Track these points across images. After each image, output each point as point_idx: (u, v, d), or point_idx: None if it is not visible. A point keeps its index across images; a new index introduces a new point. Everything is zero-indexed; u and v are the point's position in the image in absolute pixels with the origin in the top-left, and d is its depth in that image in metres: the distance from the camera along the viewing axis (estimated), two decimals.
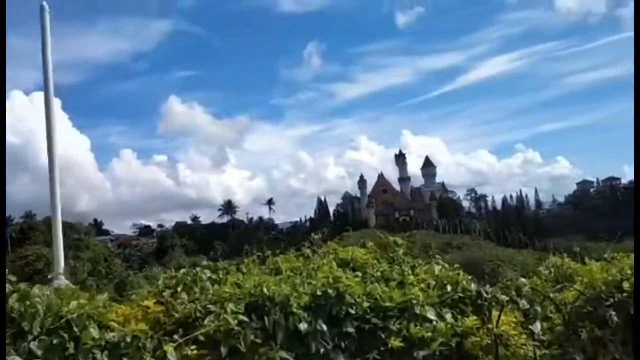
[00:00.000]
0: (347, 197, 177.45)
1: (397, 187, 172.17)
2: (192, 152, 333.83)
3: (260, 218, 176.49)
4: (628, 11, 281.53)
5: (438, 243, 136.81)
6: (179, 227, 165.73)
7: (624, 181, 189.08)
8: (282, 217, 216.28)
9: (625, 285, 4.00)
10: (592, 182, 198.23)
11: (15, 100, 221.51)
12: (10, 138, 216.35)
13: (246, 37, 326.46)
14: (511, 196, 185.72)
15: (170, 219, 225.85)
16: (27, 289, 3.80)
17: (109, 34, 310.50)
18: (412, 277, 4.49)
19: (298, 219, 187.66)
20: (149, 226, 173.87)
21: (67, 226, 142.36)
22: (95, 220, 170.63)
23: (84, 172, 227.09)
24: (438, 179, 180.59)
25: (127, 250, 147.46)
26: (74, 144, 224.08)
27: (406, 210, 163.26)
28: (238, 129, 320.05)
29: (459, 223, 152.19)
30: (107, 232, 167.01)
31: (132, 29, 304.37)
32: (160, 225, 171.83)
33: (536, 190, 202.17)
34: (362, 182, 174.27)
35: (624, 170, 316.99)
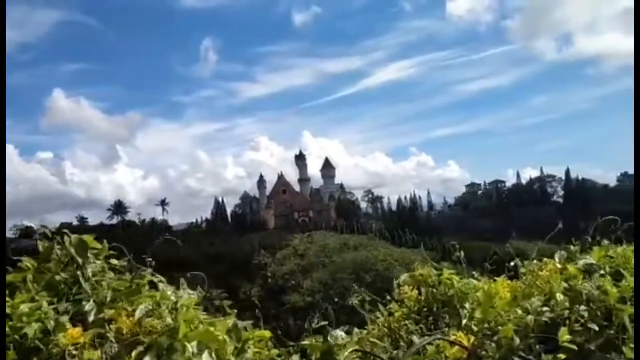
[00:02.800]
0: (246, 198, 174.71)
1: (297, 188, 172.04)
2: (80, 150, 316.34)
3: (153, 219, 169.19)
4: (513, 23, 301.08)
5: (336, 243, 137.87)
6: (64, 228, 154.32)
7: (508, 184, 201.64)
8: (177, 219, 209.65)
9: None
10: (480, 184, 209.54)
11: None
12: None
13: (143, 32, 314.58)
14: (405, 197, 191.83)
15: (55, 220, 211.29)
16: None
17: None
18: None
19: (194, 220, 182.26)
20: (31, 227, 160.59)
21: None
22: None
23: None
24: (337, 180, 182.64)
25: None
26: None
27: (305, 211, 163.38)
28: (130, 126, 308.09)
29: (357, 223, 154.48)
30: None
31: (18, 16, 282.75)
32: (43, 226, 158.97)
33: (428, 192, 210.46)
34: (261, 182, 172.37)
35: (509, 173, 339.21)
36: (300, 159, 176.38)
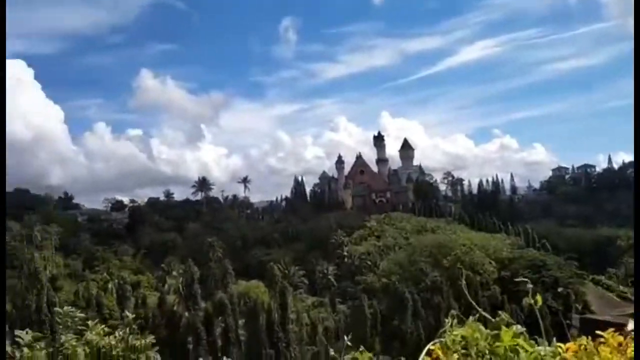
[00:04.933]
0: (325, 178, 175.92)
1: (375, 168, 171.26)
2: (167, 128, 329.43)
3: (235, 196, 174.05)
4: None
5: (413, 225, 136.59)
6: (152, 203, 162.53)
7: (598, 169, 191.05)
8: (258, 196, 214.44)
9: None
10: (567, 168, 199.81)
11: None
12: None
13: (225, 13, 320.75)
14: (487, 181, 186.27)
15: (144, 195, 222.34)
16: None
17: (87, 5, 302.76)
18: None
19: (274, 198, 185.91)
20: (121, 201, 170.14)
21: (36, 198, 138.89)
22: (66, 193, 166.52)
23: (57, 144, 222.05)
24: (415, 162, 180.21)
25: (97, 225, 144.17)
26: (47, 115, 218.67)
27: (383, 192, 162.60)
28: (214, 106, 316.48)
29: (435, 206, 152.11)
30: (77, 206, 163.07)
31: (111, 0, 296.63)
32: (132, 201, 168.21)
33: (512, 176, 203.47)
34: (339, 163, 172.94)
35: (599, 158, 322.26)
36: (378, 139, 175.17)
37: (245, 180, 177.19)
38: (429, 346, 2.59)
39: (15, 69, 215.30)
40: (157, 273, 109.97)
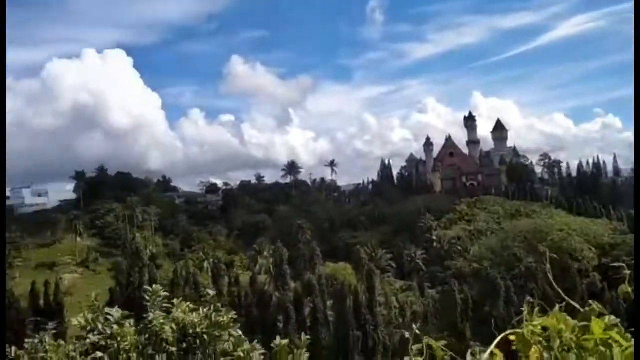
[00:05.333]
0: (412, 161, 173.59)
1: (466, 150, 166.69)
2: (256, 113, 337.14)
3: (323, 179, 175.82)
4: None
5: (506, 210, 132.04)
6: (244, 186, 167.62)
7: None
8: (345, 179, 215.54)
9: None
10: None
11: (87, 59, 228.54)
12: (83, 97, 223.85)
13: None
14: (588, 162, 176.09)
15: (237, 178, 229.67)
16: None
17: None
18: None
19: (361, 182, 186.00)
20: (215, 184, 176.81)
21: (137, 182, 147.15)
22: (164, 177, 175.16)
23: (155, 130, 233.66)
24: (509, 143, 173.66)
25: (193, 207, 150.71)
26: (145, 103, 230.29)
27: (474, 175, 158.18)
28: (301, 89, 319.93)
29: (530, 189, 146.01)
30: (175, 189, 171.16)
31: None
32: (226, 184, 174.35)
33: (615, 157, 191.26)
34: (428, 145, 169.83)
35: None
36: (469, 120, 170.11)
37: (332, 164, 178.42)
38: (502, 336, 2.37)
39: (116, 58, 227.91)
40: (249, 253, 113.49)
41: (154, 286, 4.40)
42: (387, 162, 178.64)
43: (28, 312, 79.30)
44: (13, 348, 4.13)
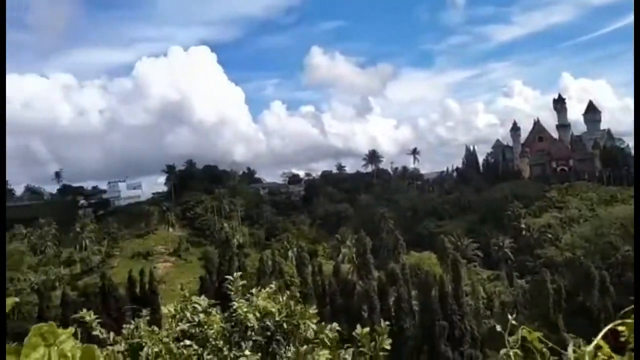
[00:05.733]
0: (498, 146, 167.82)
1: (555, 134, 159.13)
2: (336, 103, 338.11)
3: (405, 168, 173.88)
4: None
5: (600, 195, 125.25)
6: (326, 175, 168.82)
7: None
8: (428, 167, 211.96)
9: None
10: None
11: (174, 56, 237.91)
12: (171, 93, 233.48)
13: None
14: None
15: (318, 168, 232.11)
16: None
17: None
18: None
19: (444, 169, 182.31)
20: (297, 175, 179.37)
21: (223, 174, 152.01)
22: (248, 168, 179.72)
23: (239, 124, 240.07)
24: (602, 126, 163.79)
25: (277, 197, 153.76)
26: (229, 97, 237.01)
27: (565, 160, 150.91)
28: (381, 77, 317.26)
29: (627, 174, 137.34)
30: (259, 181, 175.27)
31: None
32: (307, 174, 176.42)
33: None
34: (515, 129, 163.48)
35: None
36: (559, 103, 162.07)
37: (414, 152, 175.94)
38: (610, 327, 2.20)
39: (200, 55, 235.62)
40: (331, 242, 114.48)
41: (234, 275, 4.49)
42: (471, 148, 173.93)
43: (125, 299, 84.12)
44: (112, 334, 4.34)
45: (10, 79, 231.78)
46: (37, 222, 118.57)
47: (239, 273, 4.55)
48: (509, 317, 2.83)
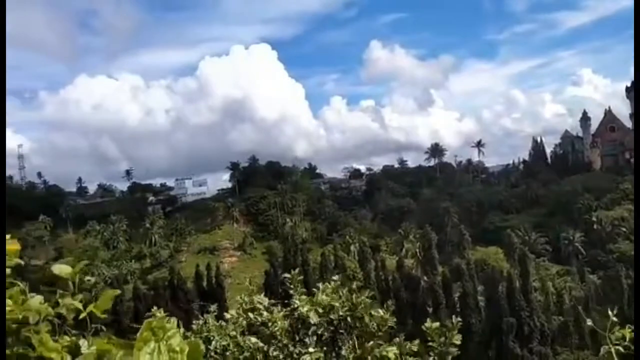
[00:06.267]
0: (567, 137, 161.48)
1: (628, 124, 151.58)
2: (397, 96, 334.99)
3: (469, 161, 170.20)
4: None
5: None
6: (387, 170, 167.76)
7: None
8: (493, 160, 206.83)
9: None
10: None
11: (236, 55, 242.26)
12: (233, 92, 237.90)
13: None
14: None
15: (379, 163, 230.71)
16: None
17: None
18: None
19: (510, 162, 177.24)
20: (358, 170, 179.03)
21: (285, 170, 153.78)
22: (310, 164, 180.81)
23: (300, 120, 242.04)
24: None
25: (338, 192, 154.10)
26: (290, 94, 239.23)
27: None
28: (443, 69, 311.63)
29: None
30: (320, 176, 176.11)
31: None
32: (369, 169, 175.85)
33: None
34: (585, 119, 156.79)
35: None
36: (632, 91, 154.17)
37: (479, 144, 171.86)
38: None
39: (261, 53, 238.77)
40: (394, 237, 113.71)
41: (292, 272, 4.56)
42: (538, 139, 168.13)
43: (193, 293, 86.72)
44: (181, 329, 4.49)
45: (81, 81, 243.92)
46: (109, 219, 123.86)
47: (296, 270, 4.62)
48: (610, 313, 2.76)
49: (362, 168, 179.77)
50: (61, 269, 1.74)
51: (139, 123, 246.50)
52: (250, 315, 4.38)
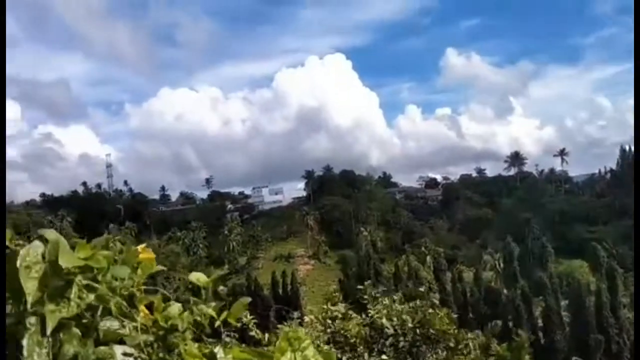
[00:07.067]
0: None
1: None
2: (474, 104, 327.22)
3: (552, 170, 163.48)
4: None
5: None
6: (464, 179, 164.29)
7: None
8: (576, 169, 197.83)
9: None
10: None
11: (311, 66, 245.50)
12: (308, 101, 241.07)
13: None
14: None
15: (455, 172, 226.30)
16: None
17: None
18: None
19: (596, 171, 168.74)
20: (434, 179, 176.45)
21: (360, 178, 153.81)
22: (384, 173, 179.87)
23: (374, 128, 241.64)
24: None
25: (413, 201, 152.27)
26: (364, 103, 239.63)
27: None
28: (522, 76, 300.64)
29: None
30: (395, 185, 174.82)
31: None
32: (445, 178, 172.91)
33: None
34: None
35: None
36: None
37: (562, 153, 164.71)
38: None
39: (336, 62, 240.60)
40: (472, 249, 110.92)
41: (365, 283, 4.46)
42: (626, 148, 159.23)
43: (269, 300, 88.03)
44: (266, 335, 4.46)
45: (164, 94, 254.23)
46: (189, 225, 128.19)
47: (369, 281, 4.51)
48: None
49: (438, 177, 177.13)
50: (198, 277, 1.78)
51: (218, 133, 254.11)
52: (329, 322, 4.30)
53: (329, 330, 4.38)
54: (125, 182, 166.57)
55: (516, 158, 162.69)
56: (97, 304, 1.48)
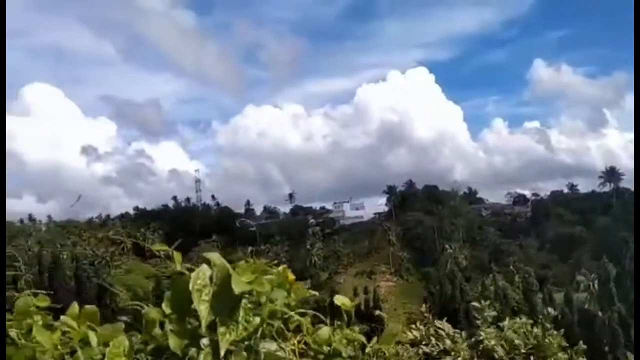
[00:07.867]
0: None
1: None
2: (564, 117, 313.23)
3: None
4: None
5: None
6: (555, 195, 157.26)
7: None
8: None
9: None
10: None
11: (393, 80, 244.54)
12: (390, 116, 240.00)
13: None
14: None
15: (545, 188, 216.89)
16: None
17: (475, 6, 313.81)
18: None
19: None
20: (523, 195, 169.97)
21: (443, 194, 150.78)
22: (470, 188, 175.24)
23: (458, 142, 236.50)
24: None
25: (500, 218, 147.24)
26: (448, 116, 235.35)
27: None
28: (617, 87, 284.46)
29: None
30: (481, 201, 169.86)
31: None
32: (534, 194, 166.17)
33: None
34: None
35: None
36: None
37: None
38: None
39: (418, 76, 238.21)
40: (563, 268, 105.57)
41: (482, 302, 4.12)
42: None
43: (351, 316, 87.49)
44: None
45: (249, 111, 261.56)
46: (272, 239, 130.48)
47: (487, 302, 4.17)
48: None
49: (527, 193, 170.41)
50: (342, 300, 1.78)
51: (299, 148, 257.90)
52: (433, 340, 4.03)
53: (430, 348, 4.12)
54: (213, 197, 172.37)
55: (612, 173, 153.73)
56: (259, 327, 1.51)
